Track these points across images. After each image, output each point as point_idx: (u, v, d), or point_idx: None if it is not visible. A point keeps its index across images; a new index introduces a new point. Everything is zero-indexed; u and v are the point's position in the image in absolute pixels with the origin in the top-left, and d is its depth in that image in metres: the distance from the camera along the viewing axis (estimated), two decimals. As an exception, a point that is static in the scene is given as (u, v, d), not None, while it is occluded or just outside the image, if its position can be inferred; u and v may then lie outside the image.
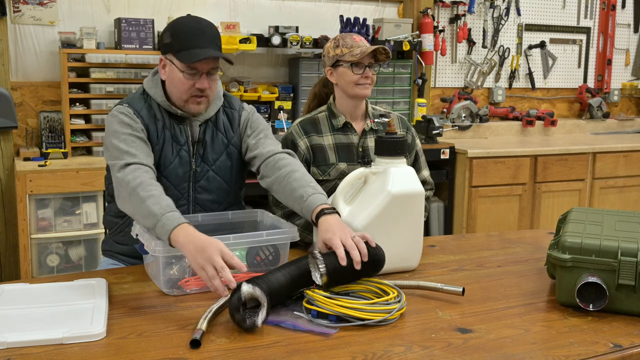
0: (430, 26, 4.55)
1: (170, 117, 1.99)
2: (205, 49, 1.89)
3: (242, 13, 4.27)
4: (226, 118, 2.07)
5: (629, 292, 1.59)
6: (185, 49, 1.89)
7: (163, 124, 1.97)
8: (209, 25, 1.95)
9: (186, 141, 1.99)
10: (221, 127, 2.05)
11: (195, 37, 1.90)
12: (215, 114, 2.05)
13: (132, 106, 1.96)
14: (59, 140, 3.66)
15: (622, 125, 5.55)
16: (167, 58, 1.94)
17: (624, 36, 5.58)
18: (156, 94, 1.98)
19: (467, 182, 4.23)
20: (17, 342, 1.37)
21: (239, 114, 2.10)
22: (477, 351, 1.40)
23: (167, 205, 1.70)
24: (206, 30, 1.92)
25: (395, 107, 4.59)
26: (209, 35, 1.92)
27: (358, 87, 2.22)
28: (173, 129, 1.98)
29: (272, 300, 1.56)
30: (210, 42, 1.91)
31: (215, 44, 1.93)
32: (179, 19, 1.97)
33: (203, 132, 2.02)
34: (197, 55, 1.87)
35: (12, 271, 3.70)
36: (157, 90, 1.99)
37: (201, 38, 1.90)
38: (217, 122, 2.05)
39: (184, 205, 2.01)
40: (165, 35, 1.95)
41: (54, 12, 3.80)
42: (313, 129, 2.29)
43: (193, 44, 1.89)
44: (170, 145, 1.97)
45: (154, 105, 1.98)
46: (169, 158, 1.97)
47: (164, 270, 1.70)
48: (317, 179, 2.25)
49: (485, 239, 2.38)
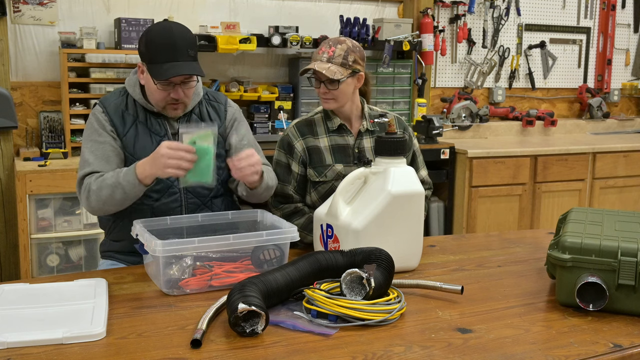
0: (430, 26, 4.55)
1: (146, 112, 2.08)
2: (177, 62, 1.94)
3: (242, 13, 4.27)
4: (212, 109, 2.17)
5: (629, 292, 1.59)
6: (157, 62, 1.95)
7: (135, 118, 2.06)
8: (182, 35, 1.97)
9: (165, 133, 2.08)
10: (206, 117, 2.14)
11: (166, 51, 1.94)
12: (199, 107, 2.14)
13: (103, 104, 2.07)
14: (59, 140, 3.67)
15: (622, 125, 5.55)
16: (143, 66, 2.01)
17: (624, 36, 5.58)
18: (134, 93, 2.07)
19: (467, 182, 4.23)
20: (17, 342, 1.37)
21: (224, 108, 2.19)
22: (477, 351, 1.40)
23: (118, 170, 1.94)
24: (178, 42, 1.95)
25: (395, 107, 4.59)
26: (181, 47, 1.95)
27: (322, 100, 2.26)
28: (149, 122, 2.07)
29: (271, 300, 1.56)
30: (182, 54, 1.95)
31: (187, 55, 1.96)
32: (153, 27, 2.01)
33: (186, 122, 2.10)
34: (167, 73, 1.93)
35: (12, 271, 3.70)
36: (135, 89, 2.07)
37: (173, 52, 1.94)
38: (202, 113, 2.14)
39: (176, 194, 2.07)
40: (140, 42, 2.01)
41: (54, 12, 3.80)
42: (309, 131, 2.29)
43: (165, 58, 1.94)
44: (149, 136, 2.06)
45: (130, 101, 2.08)
46: (149, 148, 2.02)
47: (164, 270, 1.70)
48: (314, 181, 2.26)
49: (485, 239, 2.38)
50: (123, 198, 1.92)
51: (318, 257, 1.68)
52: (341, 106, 2.25)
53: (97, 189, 1.93)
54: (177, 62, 1.94)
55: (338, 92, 2.20)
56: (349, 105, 2.27)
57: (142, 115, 2.07)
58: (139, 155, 2.01)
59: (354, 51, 2.21)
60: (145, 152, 2.00)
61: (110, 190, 1.91)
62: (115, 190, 1.91)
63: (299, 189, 2.28)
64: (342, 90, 2.20)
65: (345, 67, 2.18)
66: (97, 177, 1.96)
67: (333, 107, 2.25)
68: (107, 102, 2.08)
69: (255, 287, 1.51)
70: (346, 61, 2.18)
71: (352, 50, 2.20)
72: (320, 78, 2.20)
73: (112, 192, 1.91)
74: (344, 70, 2.18)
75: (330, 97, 2.21)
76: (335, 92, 2.20)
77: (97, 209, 1.98)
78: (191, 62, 1.97)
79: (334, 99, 2.22)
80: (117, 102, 2.07)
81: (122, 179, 1.90)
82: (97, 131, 2.03)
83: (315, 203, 2.25)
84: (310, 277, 1.64)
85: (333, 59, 2.18)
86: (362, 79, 2.26)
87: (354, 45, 2.22)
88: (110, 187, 1.91)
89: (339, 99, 2.22)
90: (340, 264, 1.67)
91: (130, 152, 2.03)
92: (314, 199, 2.28)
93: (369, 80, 2.36)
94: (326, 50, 2.20)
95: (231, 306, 1.44)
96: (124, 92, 2.10)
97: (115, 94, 2.11)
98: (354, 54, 2.20)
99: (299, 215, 2.25)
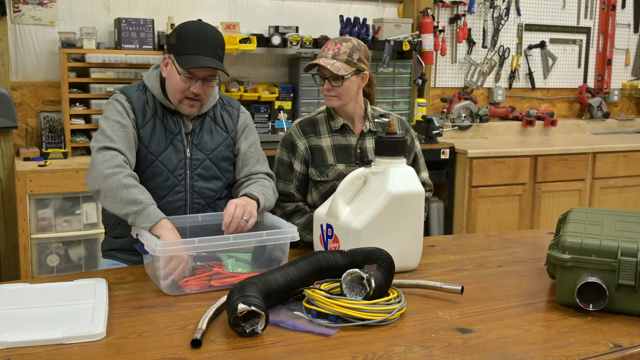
0: (430, 26, 4.55)
1: (163, 109, 2.08)
2: (205, 57, 1.98)
3: (242, 13, 4.27)
4: (226, 113, 2.18)
5: (629, 292, 1.59)
6: (185, 54, 1.98)
7: (154, 112, 2.06)
8: (214, 34, 2.02)
9: (179, 132, 2.08)
10: (220, 121, 2.16)
11: (197, 44, 1.98)
12: (213, 110, 2.16)
13: (125, 93, 2.07)
14: (59, 140, 3.67)
15: (622, 125, 5.55)
16: (170, 57, 2.03)
17: (624, 36, 5.58)
18: (153, 87, 2.08)
19: (467, 182, 4.23)
20: (17, 342, 1.37)
21: (237, 113, 2.21)
22: (477, 351, 1.40)
23: (151, 198, 1.87)
24: (209, 39, 2.00)
25: (395, 107, 4.59)
26: (211, 44, 1.99)
27: (325, 97, 2.26)
28: (166, 119, 2.07)
29: (271, 300, 1.56)
30: (211, 51, 1.99)
31: (216, 53, 2.00)
32: (187, 23, 2.07)
33: (200, 123, 2.12)
34: (194, 63, 1.96)
35: (12, 271, 3.70)
36: (155, 83, 2.09)
37: (203, 46, 1.98)
38: (215, 116, 2.16)
39: (181, 192, 2.07)
40: (172, 36, 2.05)
41: (54, 12, 3.80)
42: (312, 130, 2.30)
43: (194, 51, 1.97)
44: (163, 133, 2.06)
45: (149, 96, 2.08)
46: (163, 144, 2.05)
47: (164, 270, 1.70)
48: (315, 180, 2.26)
49: (485, 239, 2.38)
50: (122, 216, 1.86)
51: (318, 257, 1.68)
52: (344, 104, 2.25)
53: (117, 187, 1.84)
54: (206, 57, 1.97)
55: (342, 90, 2.20)
56: (352, 104, 2.28)
57: (160, 112, 2.07)
58: (152, 149, 2.03)
59: (359, 50, 2.22)
60: (158, 148, 2.03)
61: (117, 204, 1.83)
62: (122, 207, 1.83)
63: (300, 188, 2.28)
64: (346, 87, 2.20)
65: (350, 64, 2.19)
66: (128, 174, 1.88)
67: (336, 105, 2.25)
68: (129, 92, 2.07)
69: (255, 287, 1.51)
70: (351, 59, 2.19)
71: (358, 49, 2.21)
72: (325, 75, 2.21)
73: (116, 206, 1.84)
74: (349, 67, 2.18)
75: (334, 94, 2.22)
76: (339, 89, 2.20)
77: (93, 190, 1.91)
78: (218, 61, 2.00)
79: (338, 97, 2.22)
80: (138, 93, 2.08)
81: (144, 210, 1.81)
82: (122, 114, 2.01)
83: (316, 202, 2.26)
84: (310, 277, 1.64)
85: (338, 56, 2.19)
86: (367, 78, 2.27)
87: (360, 44, 2.23)
88: (121, 201, 1.83)
89: (343, 97, 2.22)
90: (340, 264, 1.67)
91: (145, 145, 2.03)
92: (315, 198, 2.28)
93: (373, 81, 2.37)
94: (331, 48, 2.21)
95: (231, 306, 1.44)
96: (142, 86, 2.10)
97: (134, 86, 2.11)
98: (359, 52, 2.21)
99: (300, 215, 2.26)
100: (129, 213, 1.82)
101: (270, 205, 2.09)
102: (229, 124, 2.17)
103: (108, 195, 1.86)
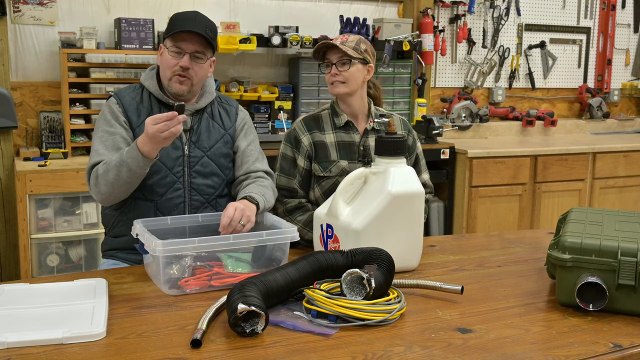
0: (430, 26, 4.55)
1: (160, 106, 2.12)
2: (193, 31, 2.02)
3: (242, 13, 4.27)
4: (223, 111, 2.21)
5: (629, 292, 1.59)
6: (174, 30, 2.04)
7: (149, 111, 2.09)
8: (204, 17, 2.08)
9: None
10: (217, 118, 2.19)
11: (186, 22, 2.04)
12: (210, 107, 2.19)
13: (118, 95, 2.13)
14: (59, 140, 3.67)
15: (622, 125, 5.55)
16: (163, 45, 2.09)
17: (624, 36, 5.58)
18: (150, 85, 2.13)
19: (467, 182, 4.23)
20: (17, 342, 1.37)
21: (235, 112, 2.24)
22: (477, 351, 1.40)
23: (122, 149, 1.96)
24: (199, 19, 2.05)
25: (395, 107, 4.59)
26: (201, 22, 2.05)
27: (330, 86, 2.27)
28: None
29: (271, 300, 1.56)
30: (200, 28, 2.04)
31: (204, 31, 2.04)
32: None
33: (198, 120, 2.15)
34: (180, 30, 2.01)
35: (12, 271, 3.70)
36: (151, 82, 2.14)
37: (192, 23, 2.03)
38: (213, 113, 2.19)
39: (180, 189, 2.09)
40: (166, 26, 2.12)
41: (54, 12, 3.80)
42: (316, 126, 2.31)
43: (182, 26, 2.03)
44: None
45: (146, 95, 2.13)
46: None
47: (164, 270, 1.70)
48: (318, 176, 2.28)
49: (485, 239, 2.38)
50: (129, 176, 1.93)
51: (318, 257, 1.68)
52: (350, 93, 2.26)
53: (103, 173, 1.96)
54: (194, 31, 2.02)
55: (349, 75, 2.22)
56: (357, 99, 2.29)
57: (157, 109, 2.10)
58: None
59: (366, 43, 2.28)
60: None
61: (116, 171, 1.93)
62: (120, 169, 1.92)
63: (303, 183, 2.30)
64: (353, 73, 2.23)
65: (357, 51, 2.23)
66: (103, 163, 1.99)
67: (342, 92, 2.26)
68: (122, 95, 2.13)
69: (255, 287, 1.51)
70: (358, 47, 2.24)
71: (364, 42, 2.27)
72: (332, 60, 2.23)
73: (118, 172, 1.92)
74: (356, 53, 2.22)
75: (340, 79, 2.23)
76: (345, 74, 2.22)
77: (107, 193, 1.99)
78: (205, 37, 2.04)
79: (344, 83, 2.24)
80: (132, 94, 2.13)
81: (126, 157, 1.91)
82: (109, 122, 2.07)
83: (319, 199, 2.27)
84: (310, 277, 1.64)
85: (346, 44, 2.23)
86: (372, 72, 2.31)
87: (366, 40, 2.30)
88: (115, 167, 1.93)
89: (349, 83, 2.24)
90: (340, 264, 1.67)
91: None
92: (317, 194, 2.29)
93: (379, 86, 2.42)
94: (339, 38, 2.26)
95: (231, 306, 1.44)
96: (139, 86, 2.16)
97: (130, 88, 2.16)
98: (365, 44, 2.27)
99: (302, 212, 2.27)
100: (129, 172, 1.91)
101: (270, 205, 2.10)
102: (226, 121, 2.19)
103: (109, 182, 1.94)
